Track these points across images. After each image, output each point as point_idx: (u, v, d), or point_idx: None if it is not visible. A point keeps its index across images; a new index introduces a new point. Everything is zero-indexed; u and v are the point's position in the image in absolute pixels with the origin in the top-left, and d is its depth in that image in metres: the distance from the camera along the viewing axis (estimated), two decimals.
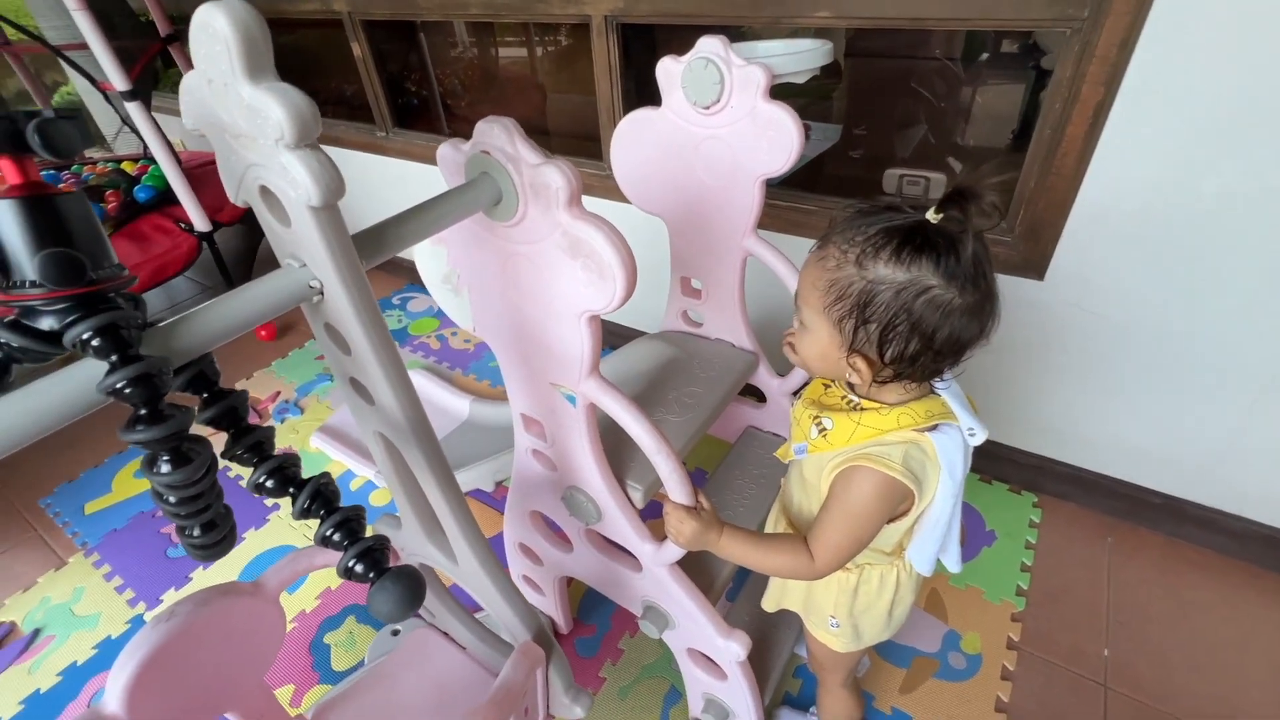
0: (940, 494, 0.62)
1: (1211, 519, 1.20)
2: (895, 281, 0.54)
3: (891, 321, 0.55)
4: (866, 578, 0.74)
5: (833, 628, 0.79)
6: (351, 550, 0.41)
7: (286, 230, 0.42)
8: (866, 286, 0.55)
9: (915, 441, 0.61)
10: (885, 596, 0.75)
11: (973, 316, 0.55)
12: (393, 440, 0.53)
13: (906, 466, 0.59)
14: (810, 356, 0.63)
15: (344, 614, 1.25)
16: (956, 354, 0.57)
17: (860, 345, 0.58)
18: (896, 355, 0.56)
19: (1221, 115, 0.90)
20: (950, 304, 0.53)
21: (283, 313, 0.42)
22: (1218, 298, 1.02)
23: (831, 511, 0.64)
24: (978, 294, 0.54)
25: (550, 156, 0.53)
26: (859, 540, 0.64)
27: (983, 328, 0.56)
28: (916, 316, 0.54)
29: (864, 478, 0.61)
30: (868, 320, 0.56)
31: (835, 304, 0.57)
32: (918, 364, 0.57)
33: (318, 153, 0.36)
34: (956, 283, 0.53)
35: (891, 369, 0.58)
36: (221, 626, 0.63)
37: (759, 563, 0.70)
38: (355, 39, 1.90)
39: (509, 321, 0.67)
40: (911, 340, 0.55)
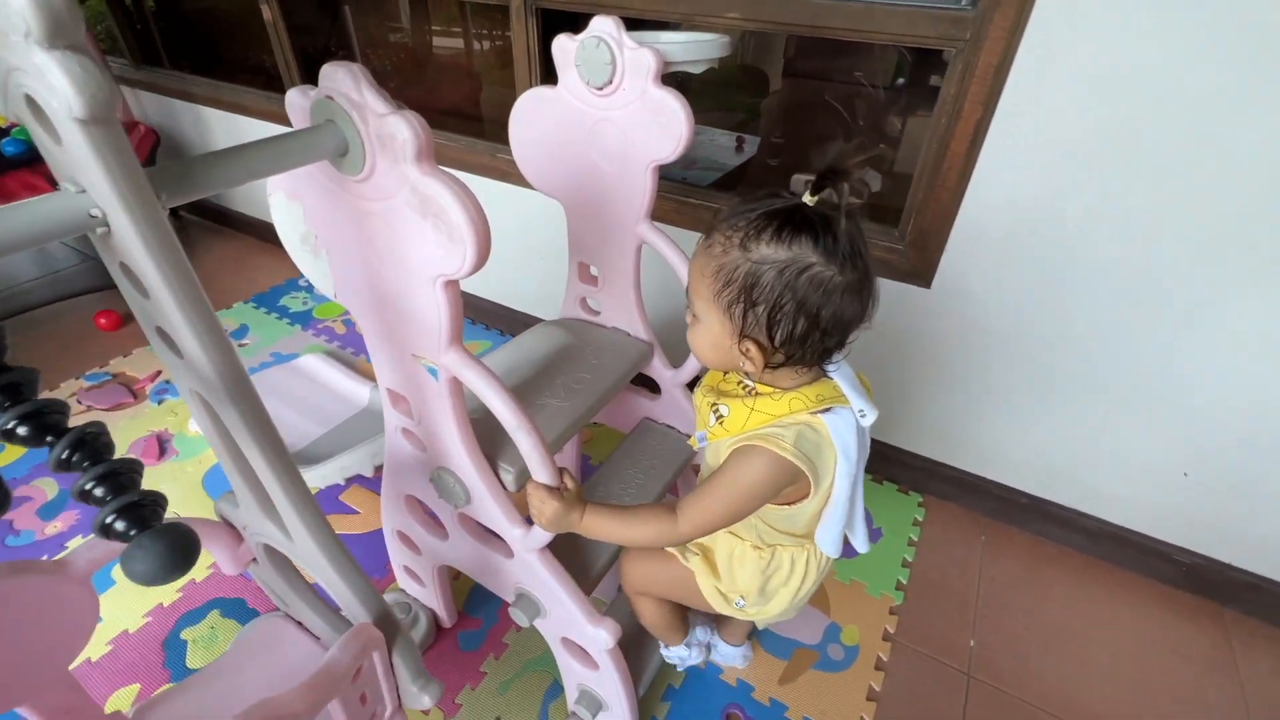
0: (838, 474, 0.64)
1: (1070, 518, 1.29)
2: (778, 260, 0.55)
3: (778, 302, 0.56)
4: (778, 560, 0.75)
5: (738, 606, 0.79)
6: (113, 504, 0.36)
7: (59, 149, 0.37)
8: (751, 268, 0.56)
9: (808, 424, 0.62)
10: (794, 580, 0.76)
11: (854, 295, 0.57)
12: (207, 399, 0.49)
13: (798, 448, 0.61)
14: (703, 347, 0.64)
15: (207, 608, 1.16)
16: (842, 334, 0.59)
17: (750, 330, 0.59)
18: (786, 336, 0.58)
19: (1082, 142, 0.97)
20: (831, 281, 0.55)
21: (54, 240, 0.38)
22: (1078, 312, 1.10)
23: (715, 481, 0.65)
24: (856, 272, 0.56)
25: (400, 108, 0.51)
26: (731, 513, 0.65)
27: (864, 307, 0.58)
28: (801, 295, 0.56)
29: (756, 456, 0.62)
30: (755, 303, 0.57)
31: (723, 290, 0.58)
32: (807, 344, 0.59)
33: (80, 55, 0.33)
34: (836, 260, 0.55)
35: (782, 352, 0.60)
36: (13, 610, 0.56)
37: (624, 535, 0.71)
38: (265, 2, 1.79)
39: (369, 287, 0.64)
40: (798, 320, 0.57)
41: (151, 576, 0.36)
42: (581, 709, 0.92)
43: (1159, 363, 1.07)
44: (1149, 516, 1.23)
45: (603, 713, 0.92)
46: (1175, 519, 1.20)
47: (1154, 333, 1.05)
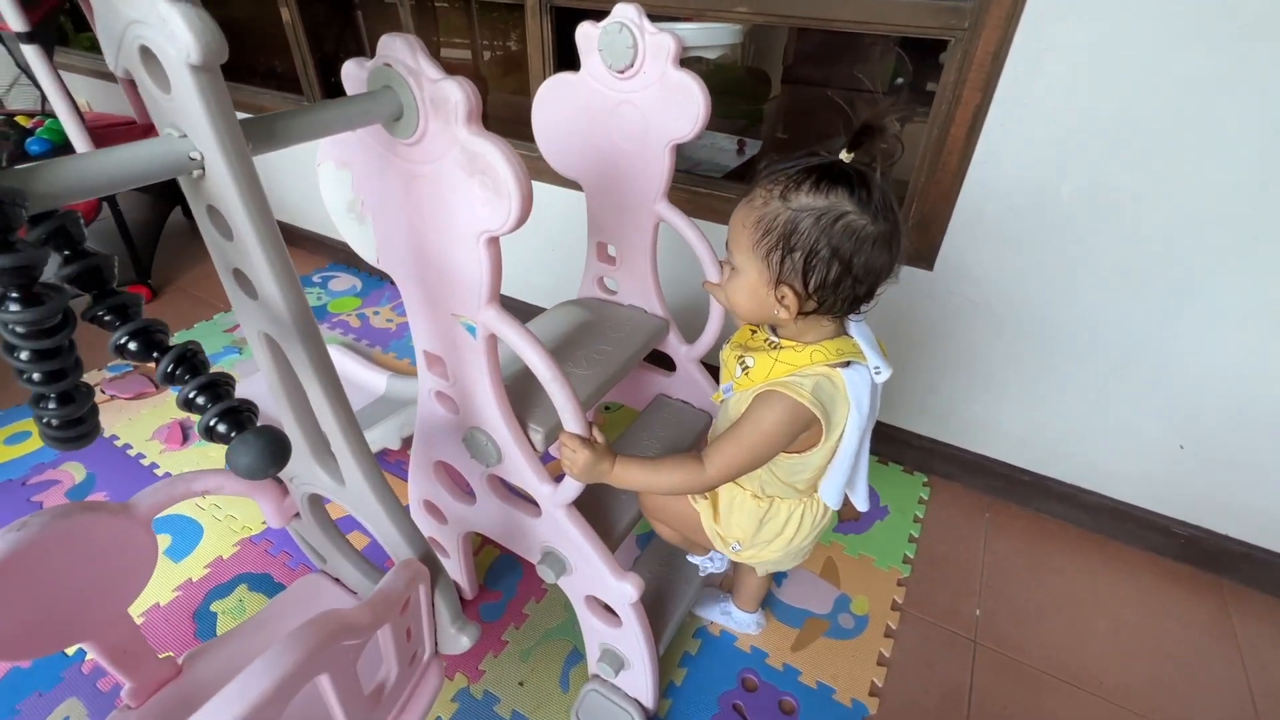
0: (849, 426, 0.69)
1: (1070, 494, 1.33)
2: (815, 208, 0.60)
3: (814, 247, 0.61)
4: (775, 511, 0.79)
5: (734, 550, 0.84)
6: (214, 409, 0.41)
7: (166, 97, 0.42)
8: (791, 216, 0.61)
9: (827, 375, 0.67)
10: (789, 531, 0.80)
11: (884, 246, 0.61)
12: (276, 338, 0.53)
13: (815, 396, 0.65)
14: (740, 298, 0.69)
15: (235, 582, 1.20)
16: (871, 283, 0.64)
17: (787, 275, 0.63)
18: (820, 282, 0.62)
19: (1075, 125, 1.02)
20: (864, 230, 0.60)
21: (156, 180, 0.42)
22: (1074, 291, 1.14)
23: (738, 427, 0.69)
24: (888, 225, 0.61)
25: (451, 75, 0.56)
26: (753, 457, 0.70)
27: (893, 259, 0.63)
28: (836, 242, 0.60)
29: (775, 400, 0.66)
30: (793, 249, 0.62)
31: (763, 238, 0.63)
32: (839, 291, 0.63)
33: (199, 8, 0.37)
34: (869, 211, 0.60)
35: (815, 299, 0.64)
36: (81, 545, 0.59)
37: (654, 483, 0.74)
38: (285, 4, 1.86)
39: (411, 248, 0.68)
40: (832, 265, 0.61)
41: (252, 470, 0.40)
42: (604, 667, 0.95)
43: (1151, 338, 1.12)
44: (1147, 491, 1.27)
45: (624, 671, 0.95)
46: (1172, 492, 1.24)
47: (1146, 309, 1.10)
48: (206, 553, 1.25)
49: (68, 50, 2.71)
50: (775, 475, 0.77)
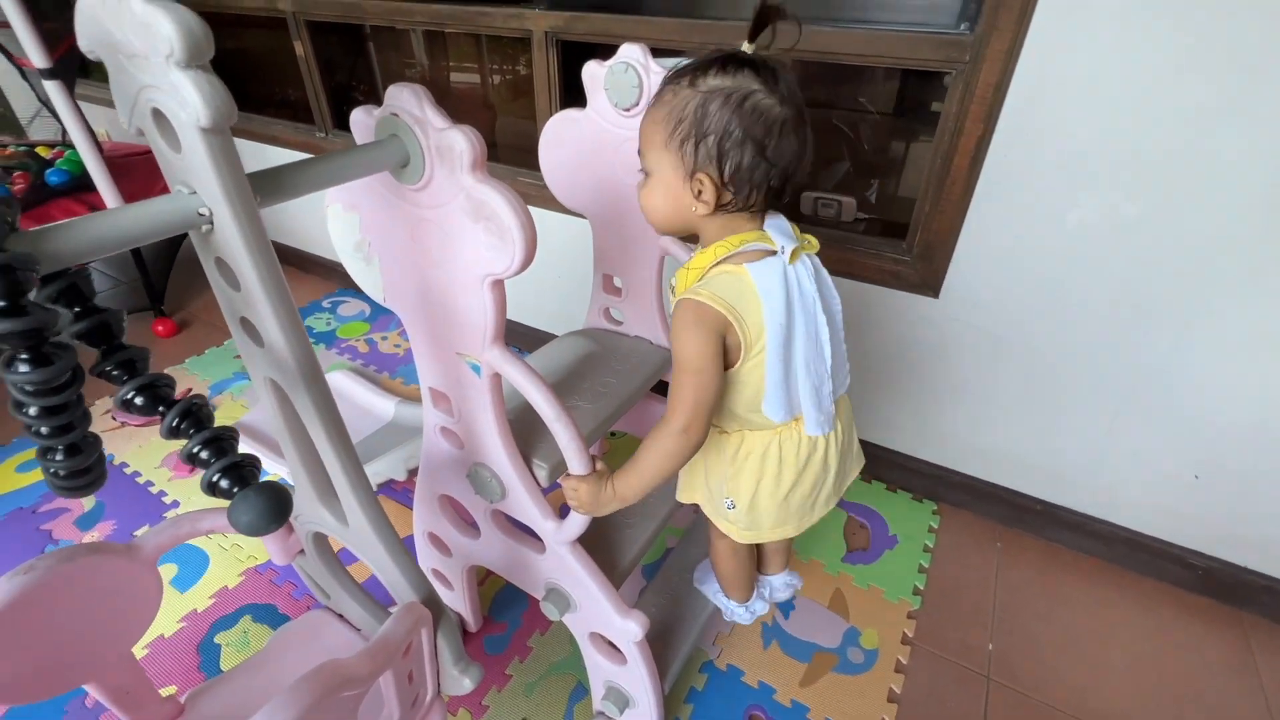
0: (767, 322, 0.65)
1: (1083, 524, 1.31)
2: (723, 88, 0.61)
3: (726, 129, 0.61)
4: (747, 447, 0.76)
5: (728, 509, 0.81)
6: (217, 465, 0.41)
7: (177, 156, 0.43)
8: (701, 100, 0.61)
9: (729, 272, 0.66)
10: (770, 468, 0.76)
11: (795, 131, 0.62)
12: (282, 385, 0.54)
13: (715, 292, 0.64)
14: (655, 200, 0.68)
15: (239, 613, 1.19)
16: (784, 170, 0.63)
17: (702, 163, 0.63)
18: (735, 167, 0.62)
19: (1078, 155, 1.02)
20: (772, 110, 0.61)
21: (166, 236, 0.43)
22: (1082, 319, 1.14)
23: (674, 369, 0.68)
24: (793, 108, 0.61)
25: (456, 123, 0.57)
26: (699, 383, 0.66)
27: (803, 146, 0.63)
28: (747, 122, 0.60)
29: (681, 311, 0.66)
30: (705, 133, 0.62)
31: (675, 129, 0.63)
32: (754, 177, 0.63)
33: (209, 74, 0.38)
34: (777, 92, 0.61)
35: (731, 188, 0.63)
36: (87, 587, 0.60)
37: (648, 469, 0.72)
38: (298, 38, 1.90)
39: (417, 289, 0.69)
40: (745, 148, 0.61)
41: (252, 527, 0.40)
42: (609, 705, 0.94)
43: (1162, 367, 1.11)
44: (1162, 521, 1.25)
45: (629, 709, 0.94)
46: (1188, 523, 1.22)
47: (1155, 337, 1.09)
48: (212, 583, 1.25)
49: (87, 81, 2.78)
50: (729, 408, 0.74)
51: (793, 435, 0.75)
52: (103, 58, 0.42)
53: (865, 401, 1.44)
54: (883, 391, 1.40)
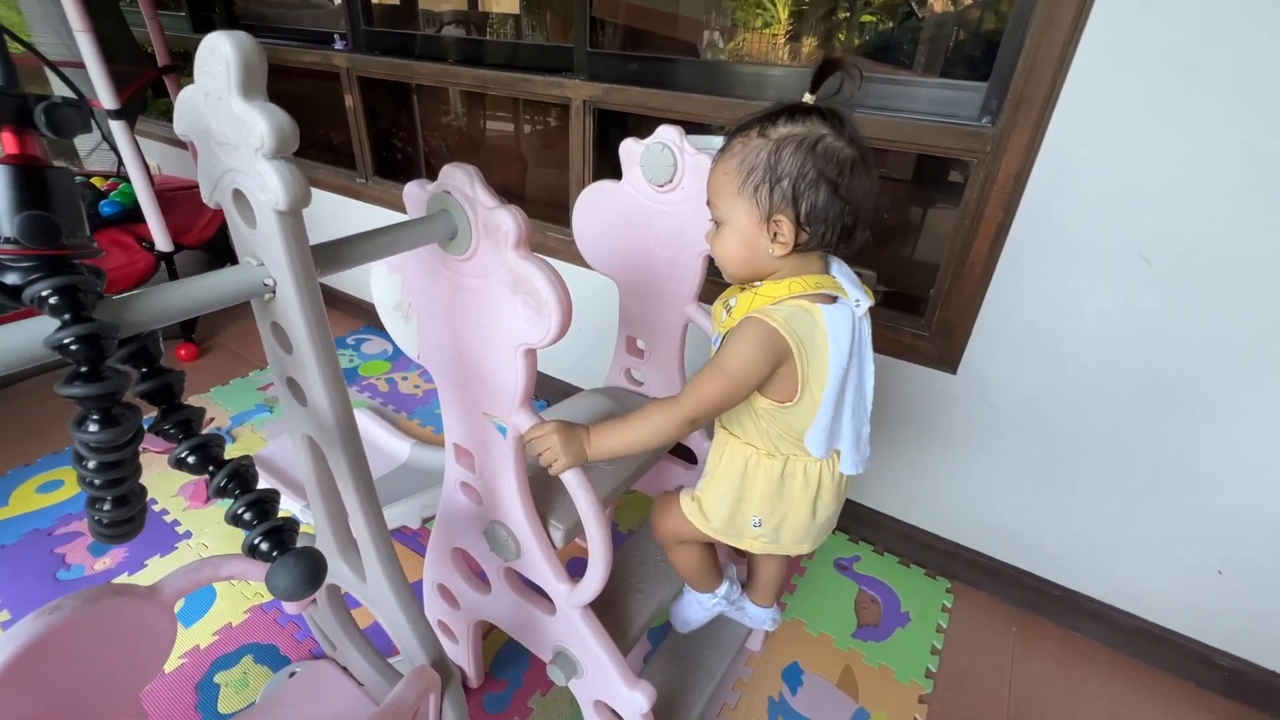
0: (830, 363, 0.67)
1: (1103, 613, 1.27)
2: (795, 134, 0.64)
3: (801, 171, 0.64)
4: (792, 469, 0.76)
5: (755, 527, 0.80)
6: (260, 528, 0.42)
7: (251, 231, 0.46)
8: (774, 146, 0.64)
9: (804, 307, 0.67)
10: (809, 493, 0.77)
11: (863, 171, 0.64)
12: (320, 443, 0.56)
13: (789, 323, 0.66)
14: (730, 248, 0.70)
15: (240, 653, 1.18)
16: (858, 210, 0.65)
17: (779, 206, 0.65)
18: (810, 207, 0.64)
19: (1097, 247, 1.04)
20: (843, 152, 0.63)
21: (234, 304, 0.46)
22: (1100, 404, 1.14)
23: (715, 357, 0.69)
24: (862, 151, 0.64)
25: (504, 202, 0.60)
26: (728, 385, 0.68)
27: (873, 184, 0.66)
28: (820, 164, 0.63)
29: (749, 326, 0.67)
30: (780, 178, 0.64)
31: (749, 176, 0.66)
32: (829, 218, 0.65)
33: (291, 164, 0.42)
34: (844, 136, 0.64)
35: (808, 229, 0.65)
36: (107, 629, 0.60)
37: (636, 435, 0.71)
38: (350, 91, 2.01)
39: (451, 350, 0.72)
40: (820, 188, 0.64)
41: (290, 593, 0.42)
42: None
43: (1183, 456, 1.10)
44: (1185, 615, 1.21)
45: None
46: (1212, 620, 1.18)
47: (1177, 426, 1.08)
48: (216, 618, 1.24)
49: (144, 118, 2.95)
50: (779, 430, 0.74)
51: (831, 466, 0.77)
52: (194, 139, 0.46)
53: (880, 472, 1.43)
54: (897, 463, 1.40)
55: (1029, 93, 1.01)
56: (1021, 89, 1.01)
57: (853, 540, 1.51)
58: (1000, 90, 1.06)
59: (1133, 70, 0.93)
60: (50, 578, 1.31)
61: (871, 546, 1.50)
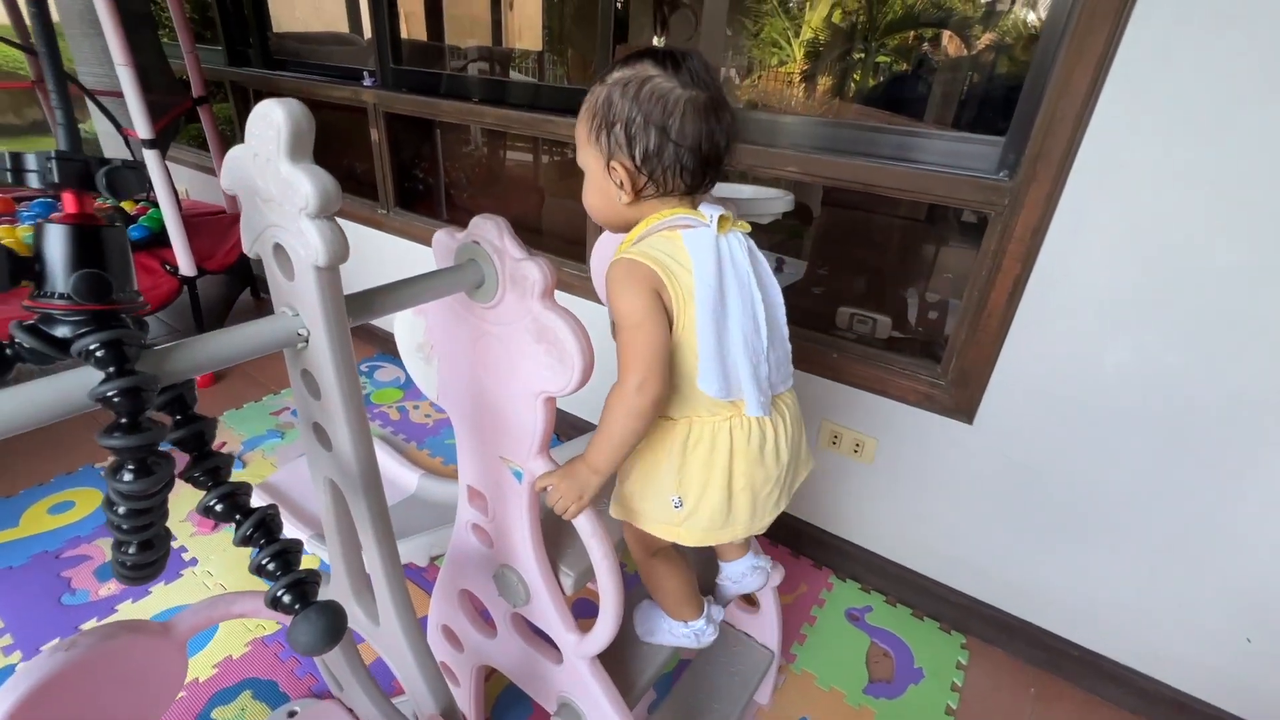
0: (697, 285, 0.65)
1: (1125, 677, 1.23)
2: (622, 78, 0.65)
3: (629, 115, 0.64)
4: (696, 433, 0.71)
5: (675, 508, 0.74)
6: (283, 580, 0.42)
7: (289, 283, 0.47)
8: (606, 92, 0.66)
9: (661, 235, 0.67)
10: (720, 458, 0.71)
11: (703, 114, 0.65)
12: (342, 488, 0.56)
13: (646, 251, 0.66)
14: (591, 197, 0.72)
15: (240, 688, 1.17)
16: (695, 150, 0.65)
17: (615, 151, 0.66)
18: (644, 151, 0.65)
19: (1116, 301, 1.04)
20: (672, 93, 0.64)
21: (268, 353, 0.47)
22: (1121, 460, 1.12)
23: (616, 332, 0.68)
24: (704, 92, 0.65)
25: (532, 253, 0.61)
26: (646, 337, 0.65)
27: (716, 128, 0.66)
28: (646, 108, 0.64)
29: (612, 271, 0.66)
30: (612, 122, 0.65)
31: (590, 122, 0.67)
32: (663, 159, 0.65)
33: (333, 223, 0.43)
34: (679, 77, 0.64)
35: (645, 172, 0.66)
36: (121, 665, 0.60)
37: (615, 432, 0.68)
38: (375, 126, 2.07)
39: (471, 393, 0.72)
40: (649, 132, 0.64)
41: (311, 648, 0.41)
42: None
43: (1208, 518, 1.07)
44: (1211, 683, 1.17)
45: None
46: (1242, 690, 1.14)
47: (1200, 485, 1.06)
48: (217, 651, 1.23)
49: (175, 144, 3.04)
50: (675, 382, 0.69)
51: (743, 423, 0.71)
52: (239, 194, 0.47)
53: (893, 519, 1.41)
54: (912, 511, 1.38)
55: (1048, 148, 1.02)
56: (1040, 145, 1.03)
57: (865, 589, 1.48)
58: (1018, 145, 1.07)
59: (1153, 127, 0.94)
60: (55, 602, 1.30)
61: (884, 597, 1.47)
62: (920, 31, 2.61)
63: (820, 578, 1.50)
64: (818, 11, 3.02)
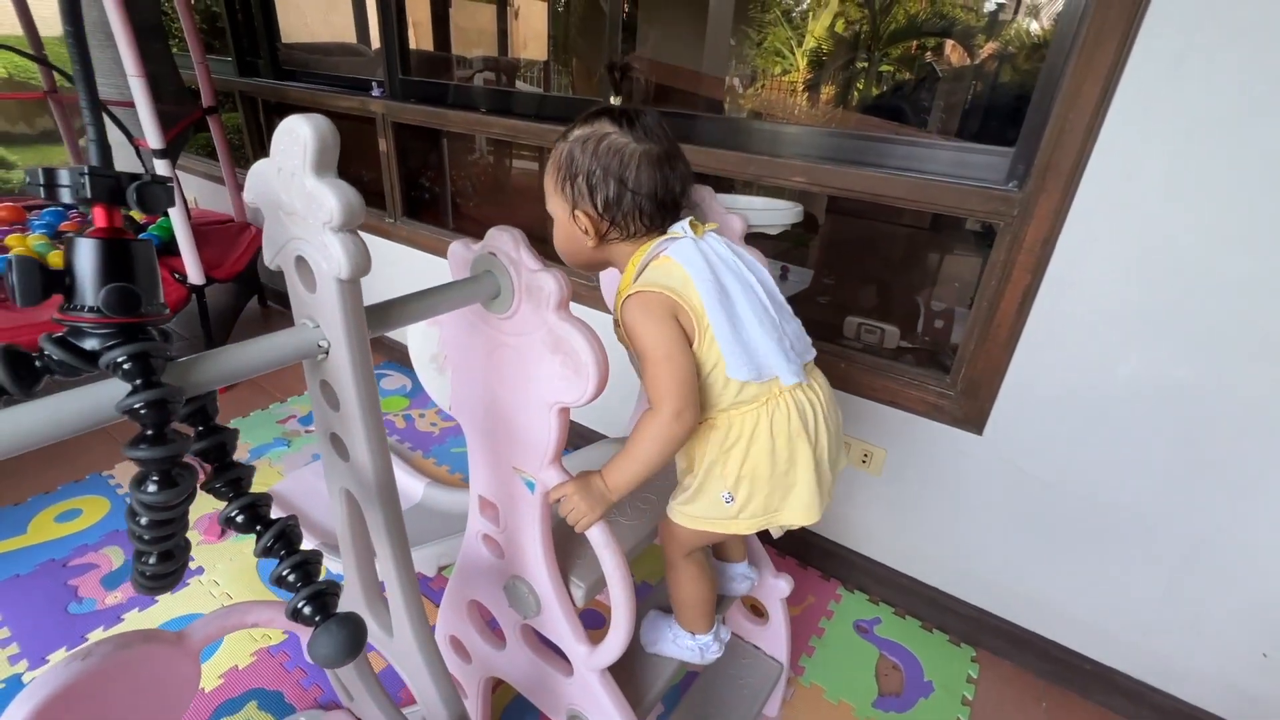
0: (699, 289, 0.68)
1: (1138, 691, 1.22)
2: (582, 135, 0.71)
3: (589, 168, 0.70)
4: (736, 429, 0.72)
5: (727, 504, 0.75)
6: (303, 592, 0.42)
7: (310, 295, 0.48)
8: (568, 148, 0.72)
9: (654, 267, 0.71)
10: (760, 443, 0.72)
11: (656, 164, 0.70)
12: (358, 498, 0.56)
13: (650, 282, 0.69)
14: (560, 242, 0.77)
15: (246, 698, 1.16)
16: (652, 197, 0.71)
17: (580, 201, 0.72)
18: (604, 200, 0.71)
19: (1127, 312, 1.04)
20: (627, 147, 0.69)
21: (289, 364, 0.47)
22: (1133, 472, 1.11)
23: (643, 364, 0.70)
24: (657, 145, 0.70)
25: (547, 264, 0.62)
26: (677, 366, 0.68)
27: (670, 175, 0.71)
28: (605, 161, 0.70)
29: (629, 312, 0.70)
30: (575, 175, 0.71)
31: (555, 175, 0.73)
32: (623, 206, 0.71)
33: (356, 237, 0.43)
34: (634, 133, 0.69)
35: (607, 219, 0.72)
36: (135, 674, 0.60)
37: (643, 456, 0.70)
38: (383, 135, 2.09)
39: (485, 404, 0.72)
40: (609, 183, 0.70)
41: (331, 660, 0.41)
42: None
43: (1224, 530, 1.07)
44: (1227, 699, 1.15)
45: None
46: (1259, 707, 1.13)
47: (1214, 499, 1.06)
48: (224, 660, 1.23)
49: (184, 153, 3.07)
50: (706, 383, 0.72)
51: (781, 405, 0.71)
52: (262, 208, 0.48)
53: (902, 530, 1.40)
54: (921, 522, 1.37)
55: (1057, 159, 1.02)
56: (1049, 156, 1.03)
57: (873, 601, 1.47)
58: (1028, 156, 1.08)
59: (1164, 138, 0.94)
60: (62, 611, 1.30)
61: (892, 609, 1.46)
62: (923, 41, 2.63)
63: (828, 589, 1.50)
64: (821, 21, 3.05)
